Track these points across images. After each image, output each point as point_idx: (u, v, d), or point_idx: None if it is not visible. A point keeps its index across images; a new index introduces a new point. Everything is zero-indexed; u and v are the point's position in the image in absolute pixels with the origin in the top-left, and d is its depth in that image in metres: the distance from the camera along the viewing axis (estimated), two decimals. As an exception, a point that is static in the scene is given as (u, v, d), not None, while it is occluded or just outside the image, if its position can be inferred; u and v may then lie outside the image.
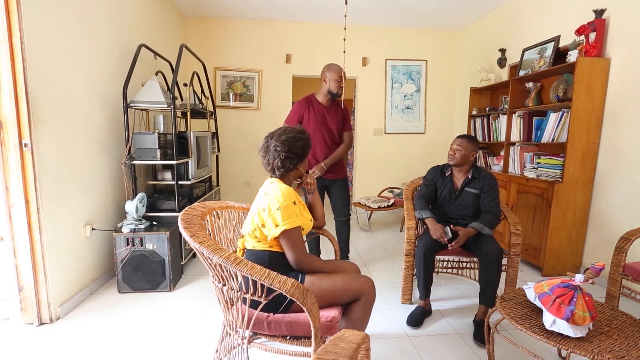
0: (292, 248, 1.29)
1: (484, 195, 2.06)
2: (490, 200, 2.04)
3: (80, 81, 2.17)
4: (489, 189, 2.06)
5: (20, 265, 1.85)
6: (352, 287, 1.34)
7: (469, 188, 2.10)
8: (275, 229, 1.27)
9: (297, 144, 1.41)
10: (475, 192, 2.09)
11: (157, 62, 3.08)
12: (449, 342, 1.81)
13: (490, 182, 2.07)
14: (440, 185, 2.19)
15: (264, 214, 1.30)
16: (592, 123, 2.51)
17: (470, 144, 2.09)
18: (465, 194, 2.11)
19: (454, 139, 2.14)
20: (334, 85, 2.40)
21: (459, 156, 2.08)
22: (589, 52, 2.47)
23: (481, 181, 2.08)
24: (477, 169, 2.12)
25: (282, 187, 1.34)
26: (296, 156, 1.41)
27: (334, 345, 0.69)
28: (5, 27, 1.68)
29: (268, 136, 1.44)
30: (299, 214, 1.32)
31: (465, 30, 4.42)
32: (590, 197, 2.60)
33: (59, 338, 1.78)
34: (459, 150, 2.07)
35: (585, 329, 1.21)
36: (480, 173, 2.11)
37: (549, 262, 2.62)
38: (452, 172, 2.17)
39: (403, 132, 4.64)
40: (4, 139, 1.77)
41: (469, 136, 2.12)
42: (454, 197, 2.13)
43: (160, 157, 2.46)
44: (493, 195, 2.04)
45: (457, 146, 2.09)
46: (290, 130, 1.43)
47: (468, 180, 2.10)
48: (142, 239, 2.23)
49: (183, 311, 2.07)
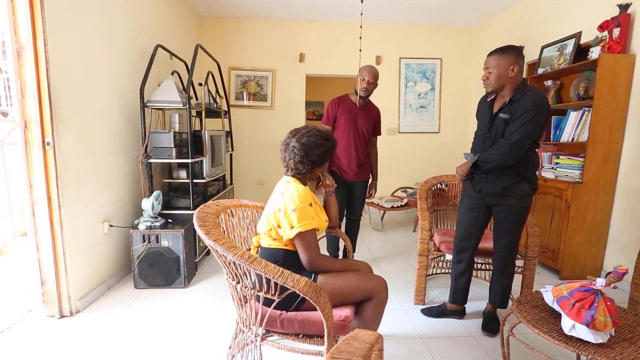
0: (306, 250, 1.29)
1: (512, 122, 1.59)
2: (512, 124, 1.58)
3: (100, 81, 2.23)
4: (521, 113, 1.55)
5: (43, 260, 1.92)
6: (365, 286, 1.33)
7: (502, 114, 1.64)
8: (291, 230, 1.27)
9: (316, 150, 1.35)
10: (505, 117, 1.62)
11: (173, 62, 3.14)
12: (462, 344, 1.78)
13: (526, 104, 1.54)
14: (480, 116, 1.81)
15: (280, 215, 1.29)
16: (615, 122, 2.42)
17: (504, 56, 1.61)
18: (497, 123, 1.66)
19: (485, 59, 1.70)
20: (359, 85, 2.38)
21: (493, 79, 1.64)
22: (612, 49, 2.39)
23: (518, 104, 1.58)
24: (523, 90, 1.60)
25: (298, 187, 1.33)
26: (312, 163, 1.36)
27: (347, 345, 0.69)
28: (30, 30, 1.74)
29: (292, 132, 1.40)
30: (314, 216, 1.31)
31: (481, 28, 4.33)
32: (612, 198, 2.52)
33: (78, 331, 1.83)
34: (491, 72, 1.64)
35: (606, 335, 1.17)
36: (526, 94, 1.58)
37: (568, 265, 2.55)
38: (495, 97, 1.74)
39: (417, 131, 4.58)
40: (28, 138, 1.83)
41: (501, 48, 1.63)
42: (487, 129, 1.72)
43: (176, 155, 2.50)
44: (520, 122, 1.55)
45: (488, 67, 1.66)
46: (314, 134, 1.36)
47: (504, 105, 1.65)
48: (158, 236, 2.28)
49: (197, 307, 2.10)
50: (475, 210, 1.84)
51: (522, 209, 1.75)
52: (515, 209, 1.73)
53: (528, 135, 1.57)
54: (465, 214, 1.88)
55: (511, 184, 1.69)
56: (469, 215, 1.87)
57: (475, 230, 1.87)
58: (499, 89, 1.67)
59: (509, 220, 1.75)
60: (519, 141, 1.56)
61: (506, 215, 1.75)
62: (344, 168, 2.47)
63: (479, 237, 1.91)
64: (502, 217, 1.77)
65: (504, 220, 1.76)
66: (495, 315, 1.93)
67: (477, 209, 1.84)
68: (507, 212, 1.74)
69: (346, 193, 2.53)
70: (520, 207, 1.74)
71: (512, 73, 1.61)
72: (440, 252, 2.16)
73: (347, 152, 2.45)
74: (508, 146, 1.58)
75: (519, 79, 1.63)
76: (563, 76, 2.90)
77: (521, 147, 1.58)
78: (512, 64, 1.60)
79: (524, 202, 1.74)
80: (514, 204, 1.72)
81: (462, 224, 1.90)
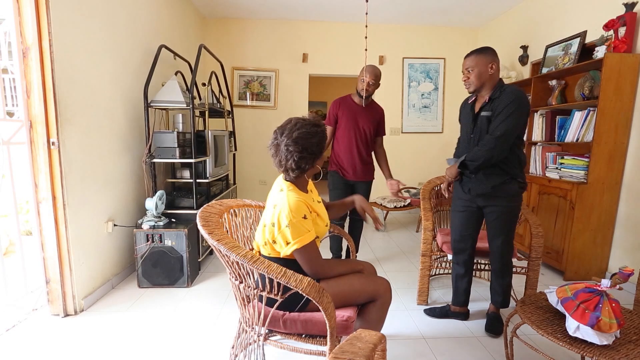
0: (307, 263, 1.24)
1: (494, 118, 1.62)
2: (495, 120, 1.60)
3: (104, 82, 2.24)
4: (502, 108, 1.58)
5: (48, 259, 1.93)
6: (368, 288, 1.32)
7: (484, 112, 1.67)
8: (286, 247, 1.22)
9: (313, 140, 1.23)
10: (487, 115, 1.64)
11: (176, 62, 3.15)
12: (465, 345, 1.78)
13: (506, 99, 1.59)
14: (463, 119, 1.83)
15: (274, 229, 1.23)
16: (621, 122, 2.40)
17: (482, 55, 1.65)
18: (480, 122, 1.68)
19: (463, 61, 1.73)
20: (359, 86, 2.38)
21: (474, 78, 1.66)
22: (618, 48, 2.37)
23: (498, 101, 1.62)
24: (501, 88, 1.66)
25: (290, 199, 1.21)
26: (312, 155, 1.25)
27: (350, 345, 0.68)
28: (35, 31, 1.75)
29: (277, 131, 1.25)
30: (310, 228, 1.23)
31: (485, 27, 4.31)
32: (617, 199, 2.49)
33: (82, 329, 1.84)
34: (471, 71, 1.67)
35: (611, 336, 1.16)
36: (504, 91, 1.63)
37: (572, 265, 2.53)
38: (476, 98, 1.78)
39: (420, 131, 4.57)
40: (34, 138, 1.85)
41: (478, 49, 1.69)
42: (471, 129, 1.74)
43: (179, 155, 2.51)
44: (502, 117, 1.58)
45: (468, 68, 1.68)
46: (302, 124, 1.23)
47: (485, 103, 1.68)
48: (162, 235, 2.29)
49: (200, 307, 2.11)
50: (467, 212, 1.86)
51: (512, 209, 1.76)
52: (506, 209, 1.75)
53: (511, 128, 1.59)
54: (458, 215, 1.91)
55: (499, 184, 1.70)
56: (461, 217, 1.89)
57: (469, 232, 1.89)
58: (480, 87, 1.70)
59: (500, 220, 1.76)
60: (502, 135, 1.59)
61: (497, 216, 1.76)
62: (345, 167, 2.47)
63: (475, 239, 1.92)
64: (494, 218, 1.78)
65: (496, 221, 1.78)
66: (498, 316, 1.92)
67: (468, 210, 1.86)
68: (498, 212, 1.75)
69: (349, 193, 2.53)
70: (511, 206, 1.75)
71: (492, 71, 1.66)
72: (443, 253, 2.15)
73: (348, 152, 2.45)
74: (493, 141, 1.60)
75: (497, 77, 1.69)
76: (568, 76, 2.88)
77: (506, 141, 1.60)
78: (490, 62, 1.66)
79: (514, 202, 1.75)
80: (504, 205, 1.73)
81: (456, 226, 1.92)
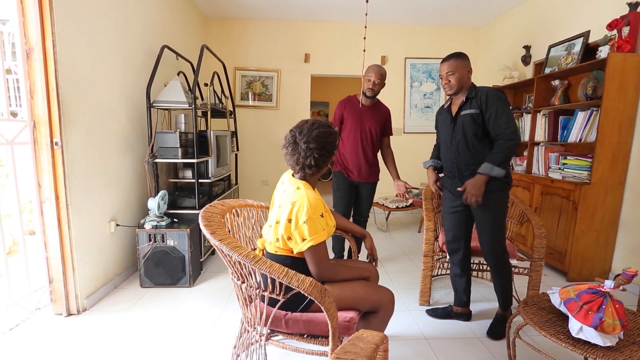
0: (316, 263, 1.24)
1: (487, 117, 1.66)
2: (495, 120, 1.64)
3: (107, 82, 2.25)
4: (492, 106, 1.64)
5: (51, 258, 1.94)
6: (372, 298, 1.31)
7: (465, 110, 1.73)
8: (302, 243, 1.22)
9: (329, 139, 1.29)
10: (472, 112, 1.69)
11: (179, 62, 3.16)
12: (467, 346, 1.77)
13: (488, 97, 1.66)
14: (441, 123, 1.89)
15: (291, 225, 1.23)
16: (624, 122, 2.39)
17: (461, 60, 1.73)
18: (461, 120, 1.74)
19: (440, 66, 1.78)
20: (365, 85, 2.37)
21: (455, 81, 1.72)
22: (621, 48, 2.35)
23: (478, 99, 1.69)
24: (475, 89, 1.74)
25: (310, 196, 1.24)
26: (329, 153, 1.31)
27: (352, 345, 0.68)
28: (39, 31, 1.76)
29: (295, 130, 1.30)
30: (325, 227, 1.25)
31: (487, 27, 4.30)
32: (621, 199, 2.48)
33: (85, 329, 1.85)
34: (452, 74, 1.72)
35: (615, 338, 1.16)
36: (479, 90, 1.71)
37: (575, 266, 2.52)
38: (451, 103, 1.84)
39: (422, 131, 4.56)
40: (37, 138, 1.86)
41: (455, 53, 1.75)
42: (451, 130, 1.79)
43: (182, 155, 2.52)
44: (497, 113, 1.63)
45: (448, 72, 1.73)
46: (319, 124, 1.30)
47: (463, 103, 1.75)
48: (164, 235, 2.29)
49: (202, 306, 2.11)
50: (457, 213, 1.88)
51: (498, 202, 1.76)
52: (492, 203, 1.74)
53: (513, 119, 1.67)
54: (448, 217, 1.93)
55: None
56: (452, 219, 1.91)
57: (461, 232, 1.90)
58: (459, 90, 1.76)
59: (486, 214, 1.77)
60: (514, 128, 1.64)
61: (482, 211, 1.77)
62: (349, 168, 2.46)
63: (468, 238, 1.93)
64: (479, 213, 1.79)
65: (481, 215, 1.79)
66: (502, 319, 1.88)
67: (458, 211, 1.87)
68: (482, 207, 1.75)
69: (353, 194, 2.52)
70: (495, 199, 1.74)
71: (469, 74, 1.76)
72: (444, 253, 2.14)
73: (353, 153, 2.44)
74: (509, 135, 1.63)
75: (470, 80, 1.79)
76: (571, 76, 2.87)
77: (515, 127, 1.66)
78: (468, 66, 1.75)
79: (500, 195, 1.76)
80: (489, 199, 1.73)
81: (448, 227, 1.95)
